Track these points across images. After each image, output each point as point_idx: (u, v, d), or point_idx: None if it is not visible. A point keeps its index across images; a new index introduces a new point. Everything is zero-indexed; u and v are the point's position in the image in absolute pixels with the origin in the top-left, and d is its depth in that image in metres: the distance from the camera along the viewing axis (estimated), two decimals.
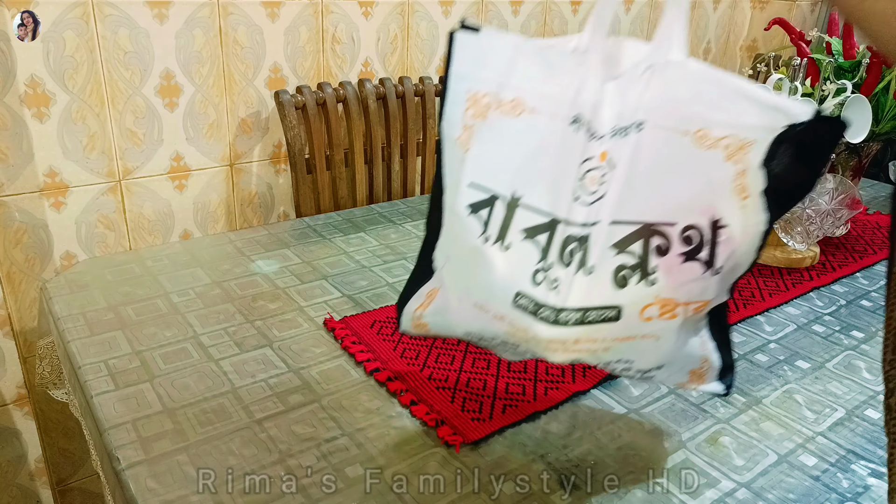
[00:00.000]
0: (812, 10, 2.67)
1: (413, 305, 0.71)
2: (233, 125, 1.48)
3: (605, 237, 0.56)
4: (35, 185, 1.28)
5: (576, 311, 0.56)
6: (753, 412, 0.80)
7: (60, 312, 0.93)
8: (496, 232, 0.59)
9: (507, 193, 0.59)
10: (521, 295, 0.58)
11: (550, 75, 0.57)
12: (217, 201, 1.52)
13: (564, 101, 0.56)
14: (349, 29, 1.57)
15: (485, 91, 0.59)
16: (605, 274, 0.56)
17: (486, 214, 0.60)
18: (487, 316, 0.62)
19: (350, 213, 1.37)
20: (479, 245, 0.60)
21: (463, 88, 0.60)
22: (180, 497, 0.63)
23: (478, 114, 0.59)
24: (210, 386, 0.79)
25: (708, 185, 0.56)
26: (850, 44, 1.33)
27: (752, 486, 0.69)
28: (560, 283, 0.57)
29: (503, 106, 0.58)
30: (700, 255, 0.56)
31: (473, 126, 0.59)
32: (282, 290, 1.03)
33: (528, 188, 0.59)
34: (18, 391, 1.38)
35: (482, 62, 0.59)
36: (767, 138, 0.53)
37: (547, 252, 0.58)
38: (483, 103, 0.59)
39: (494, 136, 0.59)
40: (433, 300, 0.68)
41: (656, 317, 0.58)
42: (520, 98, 0.58)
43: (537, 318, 0.57)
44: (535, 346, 0.60)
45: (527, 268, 0.58)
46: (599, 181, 0.55)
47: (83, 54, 1.26)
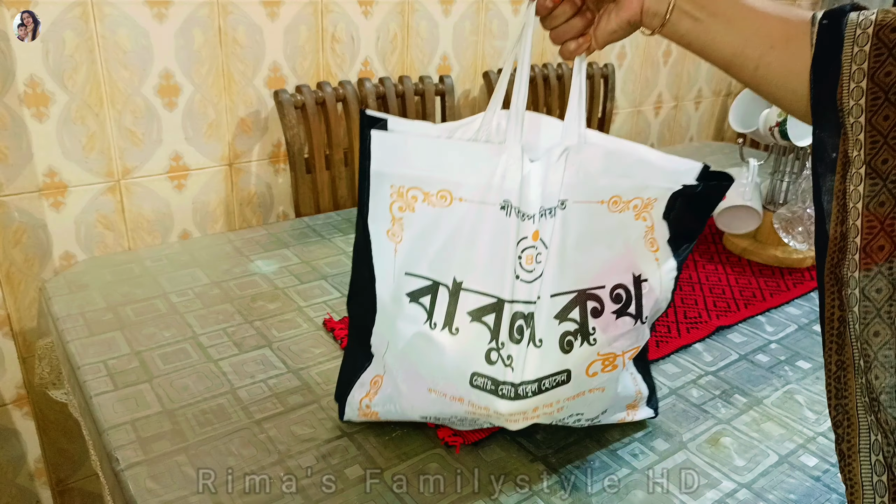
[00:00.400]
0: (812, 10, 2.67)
1: (357, 395, 0.70)
2: (232, 125, 1.48)
3: (547, 310, 0.61)
4: (34, 185, 1.28)
5: (532, 382, 0.62)
6: (754, 412, 0.80)
7: (60, 312, 0.93)
8: (443, 318, 0.62)
9: (448, 280, 0.61)
10: (478, 375, 0.62)
11: (473, 166, 0.60)
12: (216, 201, 1.52)
13: (491, 188, 0.60)
14: (349, 28, 1.56)
15: (409, 185, 0.60)
16: (553, 343, 0.62)
17: (429, 301, 0.62)
18: (444, 399, 0.65)
19: (350, 212, 1.37)
20: (425, 331, 0.62)
21: (386, 184, 0.61)
22: (180, 497, 0.63)
23: (405, 206, 0.61)
24: (209, 386, 0.79)
25: (626, 245, 0.64)
26: None
27: (753, 487, 0.69)
28: (515, 359, 0.61)
29: (431, 198, 0.60)
30: (629, 309, 0.64)
31: (402, 218, 0.61)
32: (281, 290, 1.03)
33: (468, 273, 0.61)
34: (18, 391, 1.38)
35: (402, 160, 0.60)
36: (666, 195, 0.63)
37: (497, 331, 0.61)
38: (409, 196, 0.61)
39: (427, 226, 0.61)
40: (379, 389, 0.69)
41: (600, 371, 0.65)
42: (447, 189, 0.60)
43: (498, 395, 0.62)
44: (496, 419, 0.65)
45: (479, 348, 0.62)
46: (535, 260, 0.60)
47: (82, 54, 1.25)
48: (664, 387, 0.84)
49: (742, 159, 1.27)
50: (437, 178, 0.60)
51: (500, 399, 0.62)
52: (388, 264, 0.63)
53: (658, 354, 0.90)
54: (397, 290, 0.63)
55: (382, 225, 0.62)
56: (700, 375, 0.87)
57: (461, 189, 0.60)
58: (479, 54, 1.82)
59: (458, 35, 1.76)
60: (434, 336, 0.62)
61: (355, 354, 0.70)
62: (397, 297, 0.63)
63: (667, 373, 0.87)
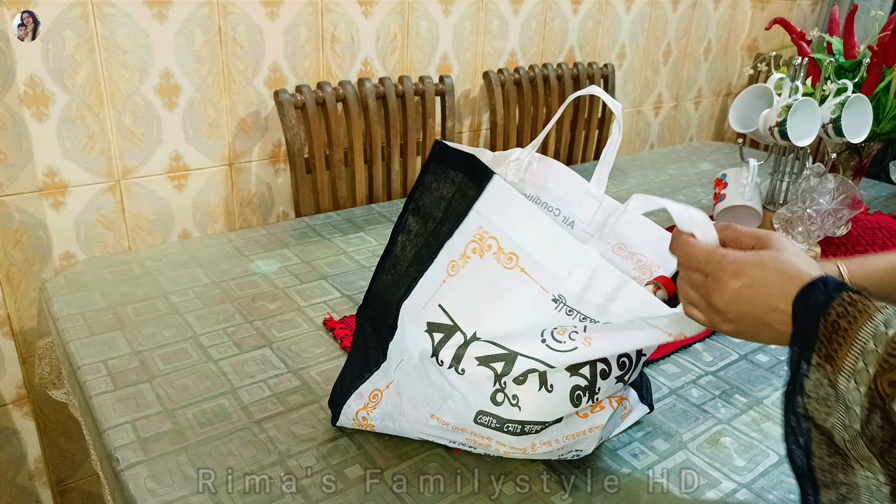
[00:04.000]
0: (813, 10, 2.67)
1: (354, 406, 0.70)
2: (232, 125, 1.48)
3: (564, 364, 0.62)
4: (34, 185, 1.28)
5: (537, 423, 0.64)
6: (754, 413, 0.80)
7: (60, 312, 0.93)
8: (450, 359, 0.63)
9: (470, 330, 0.62)
10: (483, 414, 0.64)
11: (551, 250, 0.60)
12: (216, 201, 1.52)
13: (555, 278, 0.60)
14: (349, 28, 1.56)
15: (492, 234, 0.61)
16: (564, 393, 0.63)
17: (440, 339, 0.63)
18: (447, 427, 0.66)
19: (350, 212, 1.37)
20: (434, 364, 0.64)
21: (477, 223, 0.62)
22: (180, 497, 0.63)
23: (478, 249, 0.62)
24: (209, 386, 0.79)
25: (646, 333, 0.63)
26: (850, 43, 1.33)
27: (753, 487, 0.69)
28: (520, 398, 0.63)
29: (501, 255, 0.61)
30: (627, 376, 0.66)
31: (471, 259, 0.62)
32: (281, 290, 1.03)
33: (495, 331, 0.62)
34: (18, 391, 1.38)
35: (501, 210, 0.61)
36: None
37: (505, 375, 0.62)
38: (486, 243, 0.61)
39: (483, 276, 0.62)
40: (379, 403, 0.69)
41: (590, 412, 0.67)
42: (517, 255, 0.60)
43: (503, 431, 0.64)
44: (496, 450, 0.67)
45: (485, 390, 0.63)
46: (569, 336, 0.61)
47: (83, 54, 1.25)
48: (664, 387, 0.84)
49: (742, 159, 1.27)
50: (515, 239, 0.60)
51: (504, 434, 0.64)
52: (430, 289, 0.64)
53: (658, 354, 0.90)
54: (422, 313, 0.64)
55: (453, 255, 0.63)
56: (700, 375, 0.87)
57: (529, 262, 0.60)
58: (479, 54, 1.82)
59: (458, 35, 1.76)
60: (442, 371, 0.63)
61: (357, 364, 0.71)
62: (418, 320, 0.64)
63: (667, 373, 0.87)
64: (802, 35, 1.37)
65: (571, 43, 2.02)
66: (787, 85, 1.20)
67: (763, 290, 0.51)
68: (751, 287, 0.52)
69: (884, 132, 1.29)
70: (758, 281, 0.52)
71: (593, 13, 2.03)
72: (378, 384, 0.69)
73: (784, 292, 0.51)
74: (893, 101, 1.27)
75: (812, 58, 1.31)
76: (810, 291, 0.50)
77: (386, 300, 0.67)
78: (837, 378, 0.47)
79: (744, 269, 0.52)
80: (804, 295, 0.50)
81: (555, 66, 1.89)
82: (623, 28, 2.13)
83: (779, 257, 0.52)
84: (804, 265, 0.52)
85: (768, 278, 0.51)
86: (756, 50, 2.59)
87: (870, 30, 1.37)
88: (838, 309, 0.48)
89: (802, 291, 0.50)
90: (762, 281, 0.52)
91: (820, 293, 0.49)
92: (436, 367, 0.64)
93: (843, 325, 0.47)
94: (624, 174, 1.71)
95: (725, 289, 0.53)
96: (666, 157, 1.90)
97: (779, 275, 0.51)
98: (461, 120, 1.87)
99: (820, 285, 0.50)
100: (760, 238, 0.55)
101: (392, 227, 1.29)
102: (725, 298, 0.53)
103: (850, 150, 1.35)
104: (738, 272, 0.52)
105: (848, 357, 0.47)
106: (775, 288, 0.51)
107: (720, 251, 0.54)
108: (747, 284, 0.52)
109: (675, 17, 2.26)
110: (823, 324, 0.48)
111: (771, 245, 0.54)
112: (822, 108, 1.18)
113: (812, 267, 0.52)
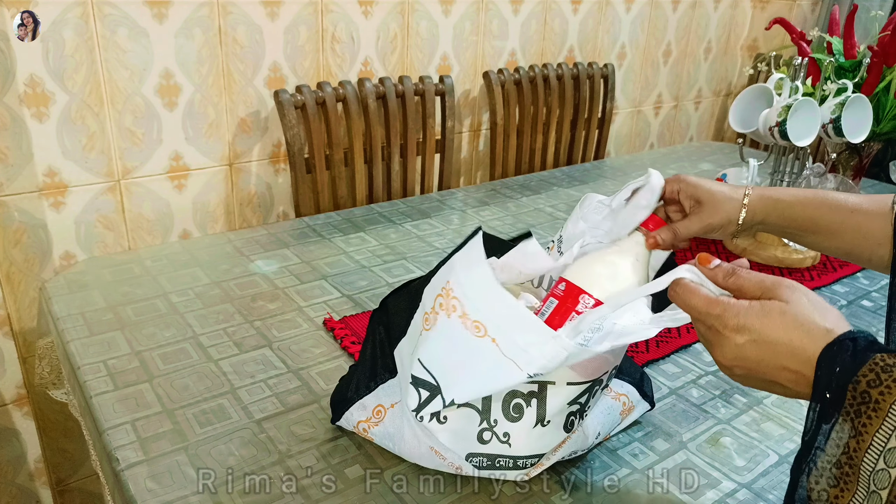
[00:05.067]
0: (813, 10, 2.67)
1: (356, 416, 0.70)
2: (232, 125, 1.48)
3: (563, 396, 0.61)
4: (34, 185, 1.28)
5: (532, 457, 0.63)
6: (754, 413, 0.80)
7: (60, 312, 0.93)
8: (429, 414, 0.61)
9: (448, 395, 0.59)
10: (474, 455, 0.63)
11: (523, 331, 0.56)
12: (216, 201, 1.52)
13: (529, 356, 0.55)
14: (349, 28, 1.56)
15: (456, 294, 0.58)
16: (559, 423, 0.63)
17: (426, 397, 0.61)
18: (444, 462, 0.66)
19: (350, 212, 1.37)
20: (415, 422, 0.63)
21: (445, 278, 0.59)
22: (180, 497, 0.63)
23: (444, 306, 0.58)
24: (209, 386, 0.79)
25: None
26: (850, 43, 1.33)
27: (753, 487, 0.69)
28: (512, 436, 0.62)
29: (467, 320, 0.57)
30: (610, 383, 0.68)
31: (439, 315, 0.59)
32: (281, 290, 1.02)
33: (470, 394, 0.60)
34: (18, 391, 1.38)
35: (469, 273, 0.57)
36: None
37: (488, 409, 0.62)
38: (450, 302, 0.58)
39: (452, 340, 0.58)
40: (381, 421, 0.68)
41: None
42: (484, 325, 0.57)
43: (495, 467, 0.64)
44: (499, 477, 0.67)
45: (470, 432, 0.62)
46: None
47: (83, 54, 1.25)
48: (664, 387, 0.84)
49: (742, 159, 1.27)
50: (482, 310, 0.56)
51: (496, 469, 0.64)
52: (414, 335, 0.62)
53: (658, 354, 0.90)
54: (408, 361, 0.62)
55: (426, 305, 0.60)
56: (700, 375, 0.87)
57: (501, 337, 0.56)
58: (479, 54, 1.82)
59: (458, 35, 1.76)
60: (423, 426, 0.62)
61: (364, 370, 0.69)
62: (407, 367, 0.62)
63: (667, 373, 0.87)
64: (802, 35, 1.36)
65: (571, 43, 2.02)
66: (787, 85, 1.20)
67: (769, 347, 0.47)
68: (755, 344, 0.47)
69: (884, 132, 1.29)
70: (763, 337, 0.47)
71: (593, 13, 2.03)
72: (383, 400, 0.68)
73: (794, 351, 0.46)
74: (893, 101, 1.27)
75: (812, 58, 1.31)
76: (837, 352, 0.44)
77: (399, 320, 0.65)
78: (864, 457, 0.42)
79: (747, 322, 0.48)
80: (829, 355, 0.44)
81: (555, 66, 1.89)
82: (623, 28, 2.13)
83: (787, 310, 0.47)
84: (819, 318, 0.46)
85: (775, 335, 0.47)
86: (756, 50, 2.59)
87: (870, 30, 1.37)
88: (870, 376, 0.42)
89: (827, 351, 0.44)
90: (768, 337, 0.47)
91: (847, 354, 0.43)
92: (417, 424, 0.63)
93: (875, 395, 0.41)
94: (624, 174, 1.71)
95: (727, 344, 0.49)
96: (666, 157, 1.91)
97: (787, 331, 0.46)
98: (461, 120, 1.87)
99: (848, 344, 0.44)
100: (767, 288, 0.50)
101: (392, 227, 1.29)
102: (729, 355, 0.49)
103: (850, 150, 1.35)
104: (741, 327, 0.48)
105: (879, 434, 0.41)
106: (783, 345, 0.46)
107: (722, 302, 0.50)
108: (750, 341, 0.47)
109: (675, 17, 2.26)
110: (852, 392, 0.42)
111: (778, 295, 0.48)
112: (822, 108, 1.18)
113: (832, 318, 0.47)
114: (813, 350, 0.45)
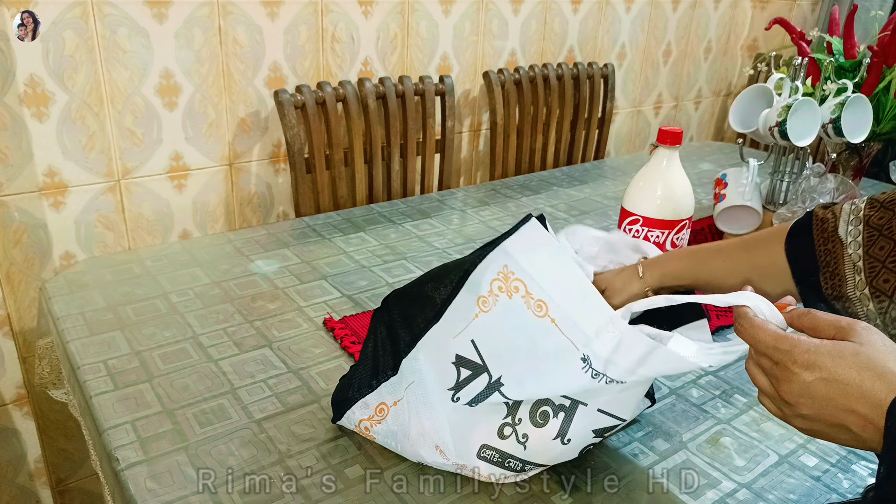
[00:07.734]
0: (813, 10, 2.67)
1: (358, 415, 0.70)
2: (232, 125, 1.48)
3: (590, 421, 0.62)
4: (34, 185, 1.28)
5: (538, 465, 0.64)
6: (754, 412, 0.80)
7: (60, 312, 0.93)
8: (468, 398, 0.61)
9: (496, 374, 0.60)
10: (487, 447, 0.64)
11: (581, 306, 0.58)
12: (216, 201, 1.52)
13: (585, 336, 0.57)
14: (349, 28, 1.56)
15: (518, 276, 0.59)
16: (577, 446, 0.64)
17: (467, 376, 0.61)
18: (448, 462, 0.66)
19: (350, 212, 1.37)
20: (448, 396, 0.63)
21: (502, 261, 0.59)
22: (180, 497, 0.63)
23: (505, 289, 0.59)
24: (209, 386, 0.79)
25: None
26: (850, 43, 1.33)
27: (753, 487, 0.69)
28: (530, 439, 0.62)
29: (530, 300, 0.58)
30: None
31: (499, 297, 0.59)
32: (281, 290, 1.02)
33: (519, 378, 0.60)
34: (18, 391, 1.38)
35: (531, 255, 0.58)
36: None
37: (516, 410, 0.62)
38: (512, 283, 0.59)
39: (514, 320, 0.59)
40: (385, 419, 0.68)
41: None
42: (546, 304, 0.58)
43: (503, 466, 0.64)
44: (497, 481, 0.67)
45: (493, 423, 0.63)
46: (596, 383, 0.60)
47: (82, 54, 1.25)
48: (664, 387, 0.84)
49: (742, 159, 1.27)
50: (547, 288, 0.58)
51: (503, 469, 0.64)
52: (461, 320, 0.61)
53: None
54: (451, 343, 0.62)
55: (480, 290, 0.60)
56: (700, 375, 0.87)
57: (560, 314, 0.58)
58: (479, 54, 1.82)
59: (458, 35, 1.76)
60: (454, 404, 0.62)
61: (365, 369, 0.69)
62: (446, 349, 0.62)
63: None
64: (802, 35, 1.37)
65: (571, 43, 2.02)
66: (787, 85, 1.20)
67: (839, 386, 0.45)
68: (824, 382, 0.46)
69: (884, 132, 1.29)
70: (834, 376, 0.45)
71: (593, 13, 2.03)
72: (385, 398, 0.68)
73: (865, 393, 0.44)
74: (893, 101, 1.27)
75: (812, 58, 1.31)
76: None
77: (411, 315, 0.65)
78: None
79: (817, 360, 0.46)
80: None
81: (555, 66, 1.89)
82: (623, 28, 2.13)
83: (861, 351, 0.45)
84: (894, 363, 0.45)
85: (846, 374, 0.45)
86: (756, 50, 2.59)
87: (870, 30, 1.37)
88: None
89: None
90: (839, 376, 0.45)
91: None
92: (449, 402, 0.62)
93: None
94: (624, 174, 1.71)
95: (795, 380, 0.47)
96: None
97: (859, 371, 0.45)
98: (461, 120, 1.87)
99: None
100: (842, 328, 0.48)
101: (392, 227, 1.29)
102: (795, 391, 0.47)
103: (850, 150, 1.35)
104: (811, 363, 0.46)
105: None
106: (854, 386, 0.45)
107: (792, 338, 0.48)
108: (820, 379, 0.46)
109: (675, 17, 2.26)
110: None
111: (853, 336, 0.47)
112: (822, 108, 1.18)
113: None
114: (885, 395, 0.44)
